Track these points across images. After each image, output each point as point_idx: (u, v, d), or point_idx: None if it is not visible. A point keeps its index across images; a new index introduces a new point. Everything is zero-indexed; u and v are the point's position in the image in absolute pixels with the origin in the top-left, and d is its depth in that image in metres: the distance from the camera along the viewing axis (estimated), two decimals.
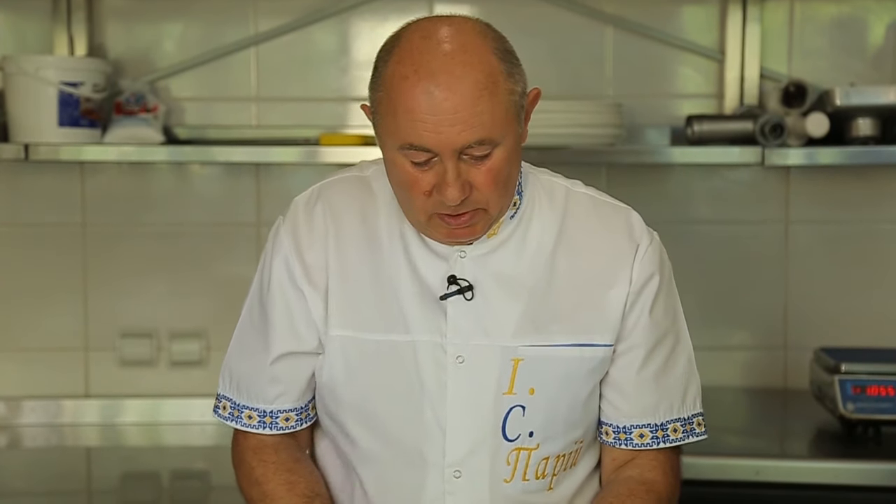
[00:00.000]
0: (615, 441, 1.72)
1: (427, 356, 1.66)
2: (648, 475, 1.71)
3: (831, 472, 2.60)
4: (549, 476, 1.69)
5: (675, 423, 1.72)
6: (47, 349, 3.18)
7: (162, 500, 2.84)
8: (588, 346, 1.67)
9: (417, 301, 1.67)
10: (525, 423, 1.66)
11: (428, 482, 1.67)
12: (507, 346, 1.65)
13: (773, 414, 3.09)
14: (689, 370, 1.74)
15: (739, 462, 2.61)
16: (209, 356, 3.18)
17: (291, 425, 1.77)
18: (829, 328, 3.13)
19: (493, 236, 1.70)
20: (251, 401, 1.77)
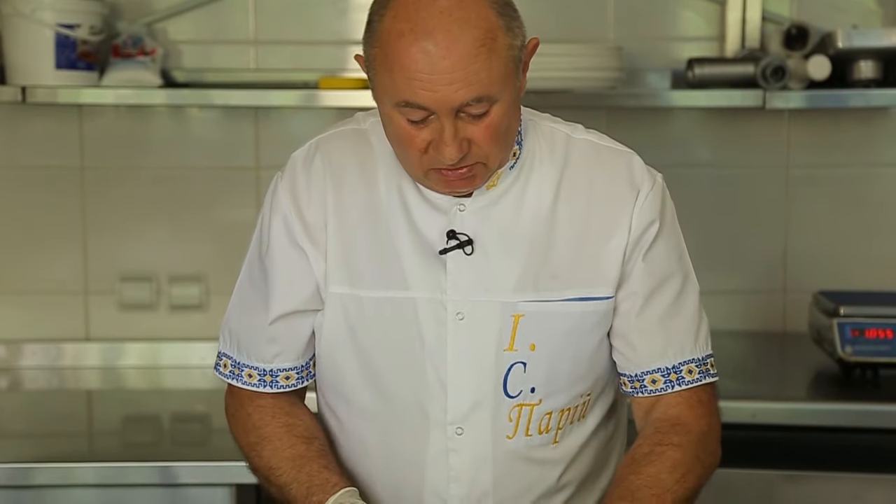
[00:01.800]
0: (633, 390, 1.71)
1: (427, 313, 1.65)
2: (672, 412, 1.69)
3: (829, 414, 2.62)
4: (553, 430, 1.68)
5: (690, 365, 1.69)
6: (47, 293, 3.19)
7: (163, 442, 2.85)
8: (589, 301, 1.65)
9: (417, 256, 1.66)
10: (526, 379, 1.65)
11: (431, 440, 1.67)
12: (507, 302, 1.64)
13: (772, 357, 3.11)
14: (697, 312, 1.71)
15: (736, 405, 2.62)
16: (209, 300, 3.19)
17: (292, 384, 1.77)
18: (828, 272, 3.13)
19: (493, 188, 1.67)
20: (251, 359, 1.77)
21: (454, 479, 1.67)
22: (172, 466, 2.51)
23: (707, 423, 1.71)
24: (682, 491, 1.64)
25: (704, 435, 1.70)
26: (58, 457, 2.55)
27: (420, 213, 1.67)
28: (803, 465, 2.61)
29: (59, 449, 2.66)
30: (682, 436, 1.67)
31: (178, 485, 2.51)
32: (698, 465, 1.67)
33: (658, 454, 1.64)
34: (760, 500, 2.63)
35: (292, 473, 1.70)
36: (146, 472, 2.50)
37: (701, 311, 1.73)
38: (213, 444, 2.68)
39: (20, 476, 2.49)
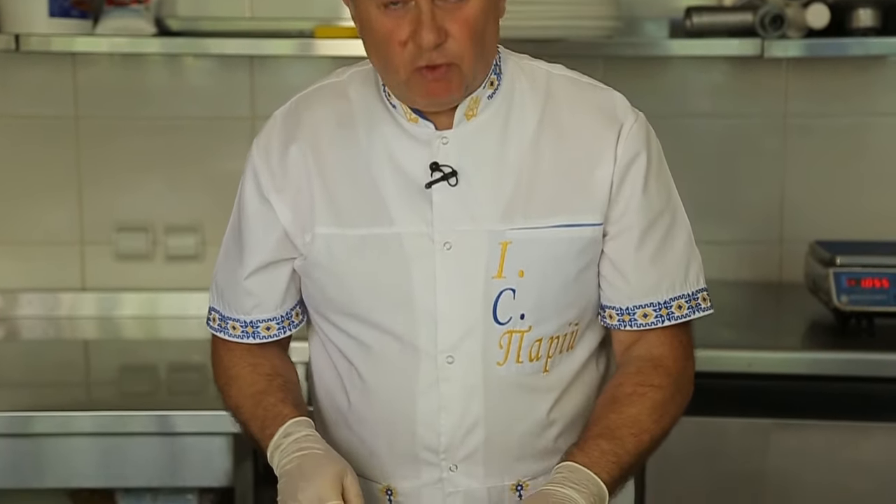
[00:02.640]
0: (619, 324, 1.73)
1: (414, 246, 1.67)
2: (655, 351, 1.72)
3: (824, 363, 2.63)
4: (543, 358, 1.70)
5: (680, 300, 1.72)
6: (43, 243, 3.19)
7: (160, 391, 2.87)
8: (576, 227, 1.67)
9: (401, 194, 1.68)
10: (516, 305, 1.67)
11: (421, 370, 1.68)
12: (495, 230, 1.66)
13: (768, 307, 3.12)
14: (688, 247, 1.74)
15: (733, 354, 2.64)
16: (205, 250, 3.19)
17: (273, 334, 1.80)
18: (824, 221, 3.14)
19: (473, 118, 1.69)
20: (233, 312, 1.80)
21: (445, 409, 1.68)
22: (170, 415, 2.52)
23: (684, 364, 1.74)
24: (659, 431, 1.69)
25: (681, 376, 1.74)
26: (56, 406, 2.57)
27: (402, 150, 1.69)
28: (798, 414, 2.63)
29: (56, 398, 2.67)
30: (663, 377, 1.71)
31: (175, 433, 2.52)
32: (674, 406, 1.71)
33: (640, 395, 1.68)
34: (756, 449, 2.65)
35: (252, 410, 1.74)
36: (144, 421, 2.52)
37: (692, 248, 1.75)
38: (210, 394, 2.66)
39: (18, 425, 2.51)
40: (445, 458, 1.70)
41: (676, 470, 2.60)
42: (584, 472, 1.60)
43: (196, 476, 2.57)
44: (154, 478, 2.57)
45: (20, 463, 2.52)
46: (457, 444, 1.69)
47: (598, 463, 1.61)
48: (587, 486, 1.58)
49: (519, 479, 1.72)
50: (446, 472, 1.70)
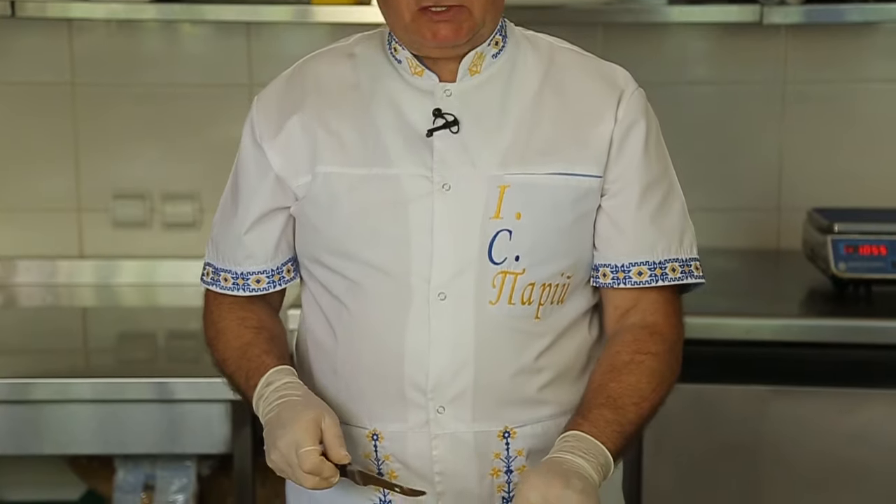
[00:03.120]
0: (613, 281, 1.74)
1: (412, 187, 1.69)
2: (650, 318, 1.74)
3: (822, 330, 2.64)
4: (535, 303, 1.71)
5: (674, 263, 1.74)
6: (40, 210, 3.19)
7: (158, 359, 2.88)
8: (574, 176, 1.69)
9: (403, 140, 1.70)
10: (512, 247, 1.69)
11: (413, 305, 1.69)
12: (494, 175, 1.68)
13: (765, 274, 3.13)
14: (683, 217, 1.76)
15: (730, 321, 2.64)
16: (202, 218, 3.19)
17: (263, 287, 1.81)
18: (822, 189, 3.14)
19: (477, 74, 1.72)
20: (225, 263, 1.82)
21: (435, 346, 1.69)
22: (168, 382, 2.53)
23: (678, 332, 1.77)
24: (657, 399, 1.70)
25: (676, 344, 1.76)
26: (54, 372, 2.58)
27: (406, 100, 1.72)
28: (796, 381, 2.64)
29: (55, 365, 2.68)
30: (660, 345, 1.72)
31: (173, 400, 2.53)
32: (669, 373, 1.73)
33: (637, 363, 1.70)
34: (753, 416, 2.66)
35: (237, 363, 1.76)
36: (142, 388, 2.53)
37: (687, 219, 1.78)
38: (208, 361, 2.68)
39: (17, 391, 2.52)
40: (433, 399, 1.70)
41: (674, 437, 2.61)
42: (591, 441, 1.61)
43: (194, 443, 2.58)
44: (152, 445, 2.59)
45: (19, 430, 2.53)
46: (445, 383, 1.70)
47: (604, 432, 1.63)
48: (595, 456, 1.60)
49: (506, 426, 1.73)
50: (433, 414, 1.71)
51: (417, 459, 1.73)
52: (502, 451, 1.74)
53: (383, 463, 1.74)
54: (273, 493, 2.90)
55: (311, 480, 1.61)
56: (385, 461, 1.74)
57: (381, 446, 1.74)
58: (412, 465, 1.73)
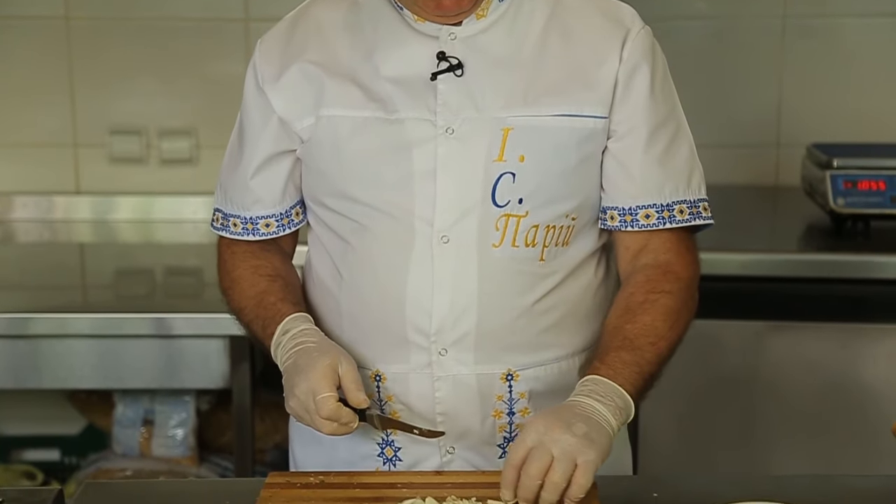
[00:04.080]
0: (621, 224, 1.73)
1: (416, 130, 1.68)
2: (663, 257, 1.73)
3: (820, 264, 2.64)
4: (539, 245, 1.71)
5: (682, 205, 1.73)
6: (36, 145, 3.17)
7: (156, 294, 2.88)
8: (578, 117, 1.68)
9: (406, 84, 1.69)
10: (515, 189, 1.68)
11: (416, 248, 1.69)
12: (498, 118, 1.67)
13: (764, 210, 3.13)
14: (691, 157, 1.75)
15: (727, 256, 2.64)
16: (199, 154, 3.18)
17: (273, 231, 1.81)
18: (822, 124, 3.13)
19: (483, 18, 1.70)
20: (234, 208, 1.82)
21: (438, 288, 1.69)
22: (166, 318, 2.54)
23: (693, 269, 1.75)
24: (674, 337, 1.69)
25: (692, 280, 1.74)
26: (53, 307, 2.58)
27: (410, 44, 1.71)
28: (793, 317, 2.65)
29: (53, 300, 2.69)
30: (673, 283, 1.71)
31: (172, 336, 2.54)
32: (686, 311, 1.72)
33: (652, 302, 1.69)
34: (749, 351, 2.67)
35: (254, 311, 1.76)
36: (140, 324, 2.53)
37: (695, 158, 1.77)
38: (206, 297, 2.70)
39: (16, 326, 2.52)
40: (436, 342, 1.71)
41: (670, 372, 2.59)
42: (609, 385, 1.60)
43: (193, 378, 2.59)
44: (151, 380, 2.60)
45: (18, 364, 2.54)
46: (448, 326, 1.70)
47: (622, 374, 1.62)
48: (613, 399, 1.59)
49: (509, 369, 1.74)
50: (436, 357, 1.71)
51: (420, 400, 1.73)
52: (505, 394, 1.74)
53: (386, 403, 1.75)
54: (272, 428, 2.92)
55: (329, 426, 1.61)
56: (388, 402, 1.75)
57: (383, 387, 1.75)
58: (414, 406, 1.74)
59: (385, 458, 1.77)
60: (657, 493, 1.63)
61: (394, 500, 1.56)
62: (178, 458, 2.87)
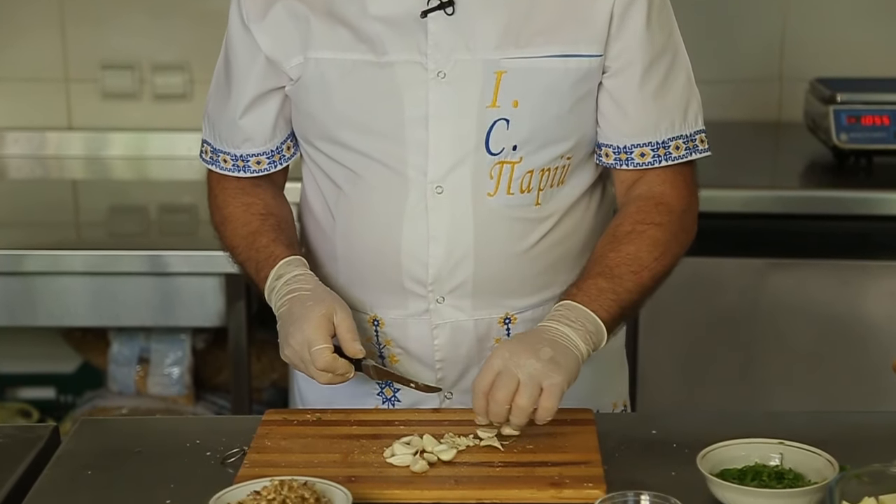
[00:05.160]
0: (616, 162, 1.73)
1: (406, 74, 1.66)
2: (656, 189, 1.72)
3: (822, 201, 2.64)
4: (534, 190, 1.70)
5: (677, 141, 1.72)
6: (26, 80, 3.15)
7: (150, 232, 2.89)
8: (573, 57, 1.66)
9: (396, 24, 1.66)
10: (509, 136, 1.67)
11: (409, 198, 1.68)
12: (490, 59, 1.65)
13: (765, 146, 3.12)
14: (688, 87, 1.73)
15: (728, 193, 2.64)
16: (193, 89, 3.17)
17: (264, 168, 1.80)
18: (826, 58, 3.10)
19: None
20: (224, 145, 1.80)
21: (434, 240, 1.69)
22: (161, 255, 2.54)
23: (688, 201, 1.75)
24: (660, 268, 1.70)
25: (685, 213, 1.74)
26: (46, 244, 2.59)
27: None
28: (794, 254, 2.66)
29: (47, 237, 2.69)
30: (664, 214, 1.71)
31: (167, 274, 2.55)
32: (675, 243, 1.72)
33: (639, 233, 1.69)
34: (750, 289, 2.68)
35: (246, 252, 1.75)
36: (135, 261, 2.54)
37: (692, 88, 1.75)
38: (201, 234, 2.70)
39: (9, 263, 2.53)
40: (433, 290, 1.71)
41: (669, 310, 2.63)
42: (581, 310, 1.61)
43: (189, 316, 2.60)
44: (147, 318, 2.61)
45: (12, 301, 2.55)
46: (445, 276, 1.70)
47: (597, 300, 1.63)
48: (583, 324, 1.60)
49: (507, 313, 1.74)
50: (433, 304, 1.72)
51: (418, 345, 1.74)
52: (502, 337, 1.75)
53: (384, 348, 1.76)
54: (269, 366, 2.94)
55: (324, 377, 1.62)
56: (386, 346, 1.76)
57: (381, 332, 1.76)
58: (413, 351, 1.75)
59: (384, 397, 1.78)
60: (655, 430, 1.64)
61: (391, 437, 1.57)
62: (174, 397, 2.89)
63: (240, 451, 1.57)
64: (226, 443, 1.60)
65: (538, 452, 1.53)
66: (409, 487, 1.47)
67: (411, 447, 1.53)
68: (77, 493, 1.49)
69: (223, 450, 1.58)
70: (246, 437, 1.59)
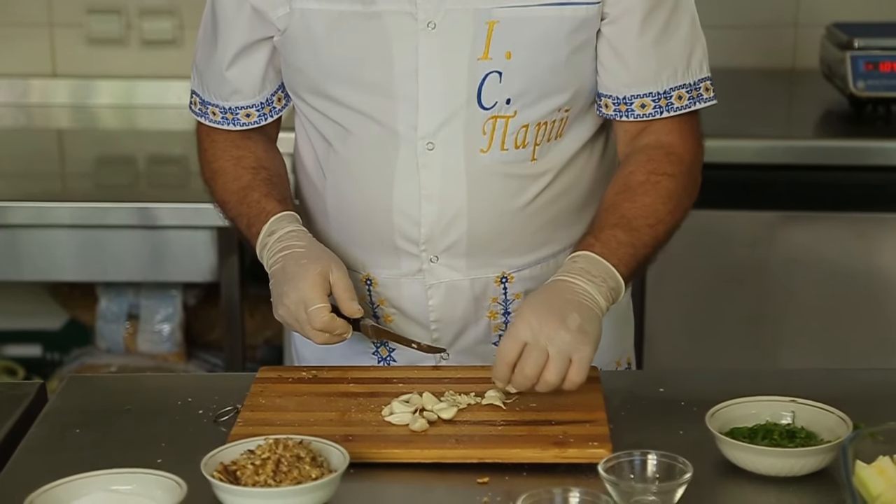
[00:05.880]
0: (616, 113, 1.71)
1: (395, 25, 1.64)
2: (665, 139, 1.71)
3: (837, 151, 2.64)
4: (530, 146, 1.69)
5: (680, 90, 1.70)
6: (8, 24, 3.14)
7: (139, 184, 2.89)
8: (569, 5, 1.64)
9: None
10: (502, 89, 1.65)
11: (400, 155, 1.68)
12: (481, 9, 1.63)
13: (779, 95, 3.11)
14: (692, 33, 1.71)
15: (740, 143, 2.64)
16: (183, 35, 3.15)
17: (254, 121, 1.79)
18: (843, 2, 3.10)
19: None
20: (212, 97, 1.80)
21: (426, 198, 1.69)
22: (151, 208, 2.55)
23: (696, 153, 1.74)
24: (672, 222, 1.69)
25: (694, 165, 1.73)
26: (31, 196, 2.59)
27: None
28: (807, 206, 2.66)
29: (31, 188, 2.69)
30: (676, 165, 1.70)
31: (156, 227, 2.55)
32: (686, 196, 1.72)
33: (653, 183, 1.68)
34: (761, 243, 2.68)
35: (237, 208, 1.75)
36: (124, 213, 2.54)
37: (696, 32, 1.72)
38: (192, 187, 2.70)
39: None
40: (426, 250, 1.71)
41: (677, 264, 2.63)
42: (602, 264, 1.60)
43: (180, 271, 2.61)
44: (136, 272, 2.61)
45: None
46: (437, 235, 1.70)
47: (616, 254, 1.62)
48: (605, 280, 1.59)
49: (504, 272, 1.74)
50: (427, 264, 1.72)
51: (413, 305, 1.74)
52: (499, 296, 1.75)
53: (378, 307, 1.76)
54: (262, 323, 2.95)
55: (321, 337, 1.62)
56: (380, 305, 1.76)
57: (374, 291, 1.76)
58: (407, 311, 1.75)
59: (380, 356, 1.79)
60: (663, 389, 1.65)
61: (390, 395, 1.58)
62: (164, 354, 2.90)
63: (233, 409, 1.58)
64: (218, 401, 1.61)
65: (542, 411, 1.54)
66: (408, 447, 1.47)
67: (410, 405, 1.54)
68: (65, 451, 1.50)
69: (216, 408, 1.59)
70: (239, 394, 1.60)
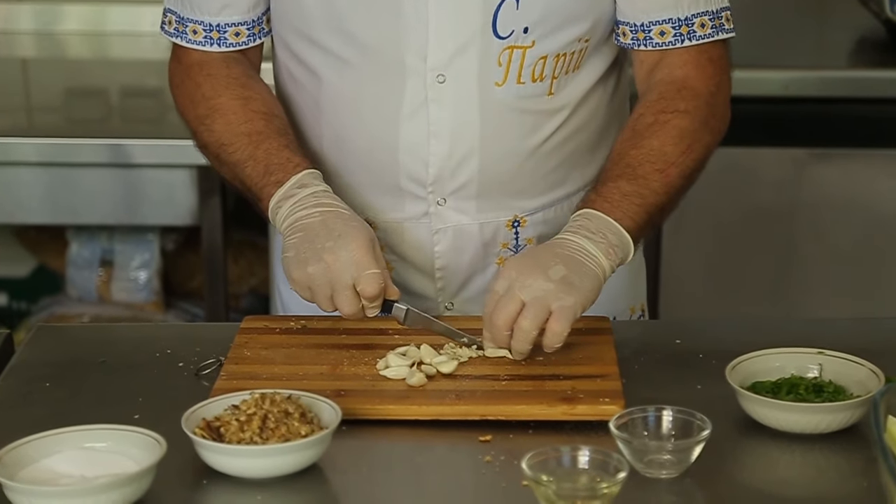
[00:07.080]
0: (633, 42, 1.71)
1: None
2: (678, 72, 1.70)
3: (872, 82, 2.64)
4: (547, 79, 1.69)
5: (703, 17, 1.69)
6: None
7: (112, 118, 2.88)
8: None
9: None
10: (518, 17, 1.65)
11: (408, 89, 1.67)
12: None
13: (808, 21, 3.11)
14: None
15: (767, 75, 2.64)
16: None
17: (243, 41, 1.77)
18: None
19: None
20: (196, 13, 1.75)
21: (434, 135, 1.68)
22: (124, 144, 2.55)
23: (716, 83, 1.72)
24: (689, 163, 1.68)
25: (713, 97, 1.72)
26: None
27: None
28: (839, 142, 2.66)
29: None
30: (690, 101, 1.69)
31: (132, 165, 2.55)
32: (706, 132, 1.70)
33: (662, 123, 1.67)
34: (789, 182, 2.69)
35: (248, 150, 1.71)
36: (95, 151, 2.54)
37: None
38: (169, 121, 2.69)
39: None
40: (433, 192, 1.71)
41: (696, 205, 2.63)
42: (602, 219, 1.60)
43: (157, 213, 2.61)
44: (109, 215, 2.62)
45: None
46: (447, 175, 1.70)
47: (620, 207, 1.61)
48: (605, 236, 1.59)
49: (516, 215, 1.75)
50: (433, 207, 1.72)
51: (416, 252, 1.74)
52: (510, 241, 1.75)
53: None
54: (247, 270, 2.95)
55: (353, 307, 1.58)
56: None
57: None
58: (410, 258, 1.75)
59: None
60: (680, 340, 1.66)
61: (385, 347, 1.58)
62: (140, 304, 2.91)
63: (216, 361, 1.59)
64: (200, 353, 1.61)
65: (549, 365, 1.54)
66: (404, 402, 1.48)
67: (407, 358, 1.54)
68: (34, 405, 1.51)
69: (197, 360, 1.60)
70: (222, 346, 1.61)
